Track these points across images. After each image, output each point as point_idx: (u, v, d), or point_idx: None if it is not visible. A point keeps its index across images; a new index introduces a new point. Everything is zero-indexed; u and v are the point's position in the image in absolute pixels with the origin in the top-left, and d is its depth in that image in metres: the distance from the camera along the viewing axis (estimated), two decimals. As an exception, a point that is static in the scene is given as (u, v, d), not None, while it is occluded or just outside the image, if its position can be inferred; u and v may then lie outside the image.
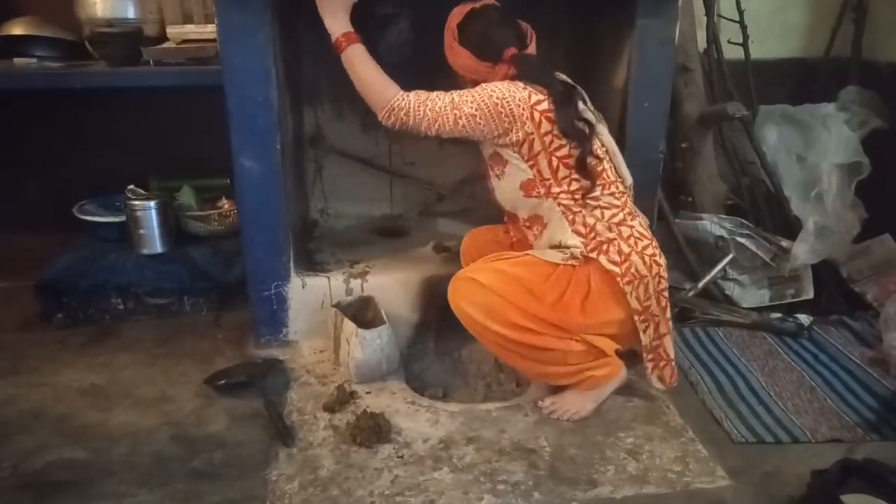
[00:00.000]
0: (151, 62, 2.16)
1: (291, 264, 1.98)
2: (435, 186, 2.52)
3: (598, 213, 1.62)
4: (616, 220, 1.62)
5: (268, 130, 1.81)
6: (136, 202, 2.16)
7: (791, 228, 2.28)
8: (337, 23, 1.63)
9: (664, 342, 1.67)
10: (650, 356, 1.68)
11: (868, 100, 2.44)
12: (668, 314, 1.66)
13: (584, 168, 1.59)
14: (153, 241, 2.18)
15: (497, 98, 1.54)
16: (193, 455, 1.57)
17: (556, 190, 1.60)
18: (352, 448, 1.58)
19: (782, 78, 2.62)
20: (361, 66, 1.62)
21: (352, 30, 1.64)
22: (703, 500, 1.46)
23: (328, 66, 2.30)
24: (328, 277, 2.01)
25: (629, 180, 1.70)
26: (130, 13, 2.27)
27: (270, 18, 1.74)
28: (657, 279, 1.62)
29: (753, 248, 2.26)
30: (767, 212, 2.40)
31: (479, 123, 1.56)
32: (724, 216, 2.32)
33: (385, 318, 1.86)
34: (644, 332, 1.64)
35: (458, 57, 1.65)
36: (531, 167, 1.60)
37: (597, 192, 1.61)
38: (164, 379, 1.86)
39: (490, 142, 1.62)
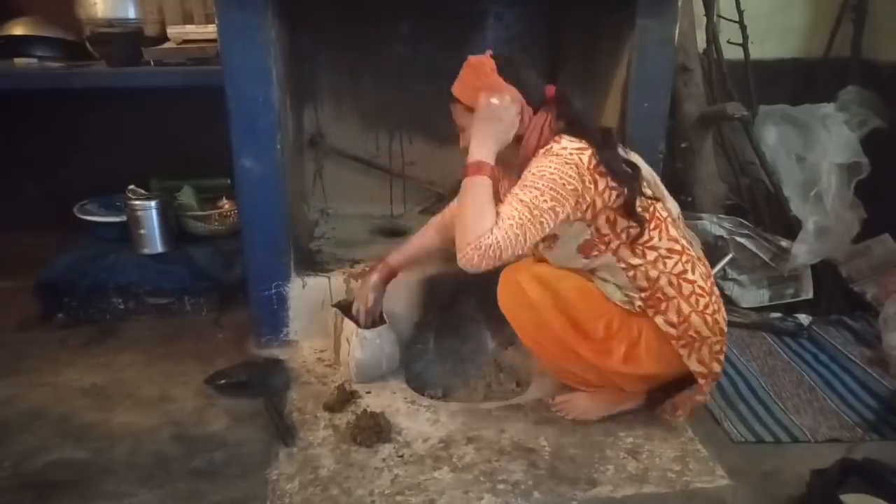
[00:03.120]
0: (152, 62, 2.17)
1: (292, 264, 1.98)
2: (435, 186, 2.53)
3: (660, 264, 1.51)
4: (677, 270, 1.51)
5: (268, 130, 1.82)
6: (137, 202, 2.16)
7: (791, 228, 2.28)
8: (482, 150, 1.46)
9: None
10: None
11: (868, 100, 2.45)
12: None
13: (633, 212, 1.47)
14: (154, 241, 2.18)
15: (560, 176, 1.40)
16: (194, 455, 1.57)
17: (614, 244, 1.50)
18: (352, 447, 1.58)
19: (782, 78, 2.62)
20: (476, 197, 1.43)
21: (492, 162, 1.47)
22: (703, 500, 1.46)
23: (328, 66, 2.32)
24: (328, 277, 2.01)
25: (675, 210, 1.59)
26: (131, 13, 2.28)
27: (270, 18, 1.74)
28: (719, 342, 1.53)
29: (753, 247, 2.26)
30: (767, 212, 2.40)
31: (559, 212, 1.41)
32: (723, 216, 2.32)
33: (385, 318, 1.86)
34: (709, 391, 1.61)
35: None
36: (589, 226, 1.49)
37: (654, 239, 1.51)
38: (165, 379, 1.87)
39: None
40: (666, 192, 1.59)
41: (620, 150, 1.52)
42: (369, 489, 1.46)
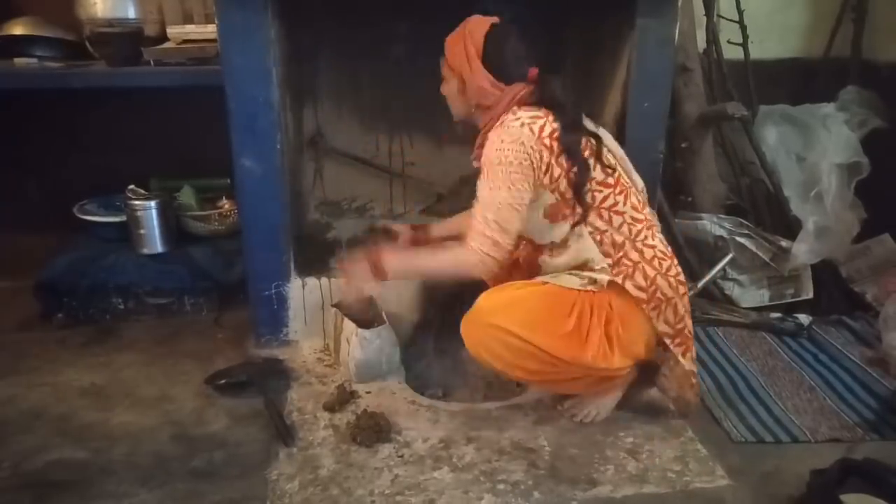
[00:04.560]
0: (152, 62, 2.16)
1: (292, 264, 1.98)
2: (435, 186, 2.52)
3: (625, 229, 1.55)
4: (641, 237, 1.56)
5: (268, 130, 1.82)
6: (137, 202, 2.16)
7: (791, 228, 2.28)
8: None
9: (688, 356, 1.62)
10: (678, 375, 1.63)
11: (867, 100, 2.45)
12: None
13: (580, 193, 1.51)
14: (153, 240, 2.18)
15: (513, 156, 1.47)
16: (194, 455, 1.57)
17: (580, 206, 1.53)
18: (352, 447, 1.58)
19: (782, 78, 2.62)
20: (415, 267, 1.69)
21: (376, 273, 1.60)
22: (703, 500, 1.46)
23: (328, 66, 2.32)
24: (328, 277, 2.01)
25: (640, 184, 1.66)
26: (131, 13, 2.27)
27: (270, 18, 1.74)
28: (685, 298, 1.58)
29: (753, 247, 2.26)
30: (767, 212, 2.40)
31: (522, 190, 1.49)
32: (723, 216, 2.32)
33: (385, 318, 1.86)
34: (683, 355, 1.59)
35: (475, 78, 1.54)
36: (552, 192, 1.52)
37: (620, 204, 1.54)
38: (165, 379, 1.87)
39: None
40: (631, 168, 1.66)
41: (589, 124, 1.58)
42: (369, 489, 1.46)
